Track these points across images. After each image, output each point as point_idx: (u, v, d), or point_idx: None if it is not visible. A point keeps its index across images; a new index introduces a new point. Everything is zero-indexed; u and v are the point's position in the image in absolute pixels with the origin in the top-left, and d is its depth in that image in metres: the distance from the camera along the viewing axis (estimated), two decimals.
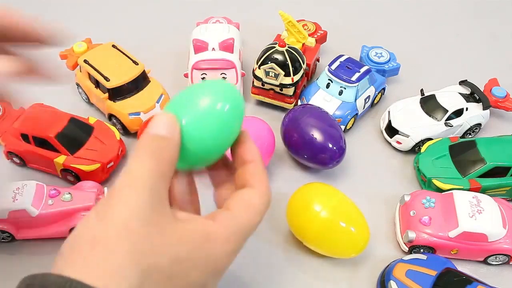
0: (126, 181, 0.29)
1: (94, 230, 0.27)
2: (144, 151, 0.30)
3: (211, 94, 0.33)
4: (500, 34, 0.88)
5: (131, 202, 0.28)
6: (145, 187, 0.28)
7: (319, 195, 0.52)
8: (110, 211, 0.28)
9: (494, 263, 0.54)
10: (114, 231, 0.27)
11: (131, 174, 0.29)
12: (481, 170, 0.58)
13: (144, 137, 0.31)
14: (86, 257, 0.26)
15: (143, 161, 0.29)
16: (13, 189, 0.52)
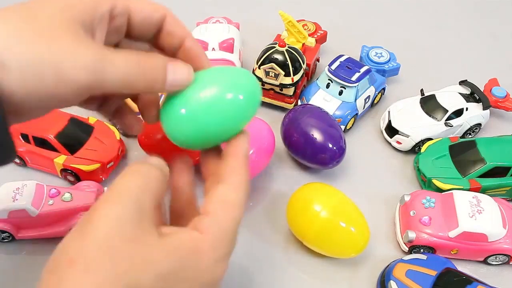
0: (109, 195, 0.28)
1: (73, 247, 0.26)
2: (131, 170, 0.29)
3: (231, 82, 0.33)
4: (500, 34, 0.88)
5: (113, 217, 0.26)
6: (129, 202, 0.27)
7: (319, 195, 0.52)
8: (90, 226, 0.26)
9: (494, 263, 0.54)
10: (93, 248, 0.25)
11: (115, 189, 0.28)
12: (481, 170, 0.58)
13: (135, 162, 0.30)
14: (62, 277, 0.25)
15: (128, 177, 0.29)
16: (13, 189, 0.52)
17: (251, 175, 0.59)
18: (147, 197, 0.28)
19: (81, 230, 0.26)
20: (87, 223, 0.27)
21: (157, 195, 0.30)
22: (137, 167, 0.30)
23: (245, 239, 0.56)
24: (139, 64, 0.30)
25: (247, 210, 0.59)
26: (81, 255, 0.25)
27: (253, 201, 0.60)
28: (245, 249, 0.55)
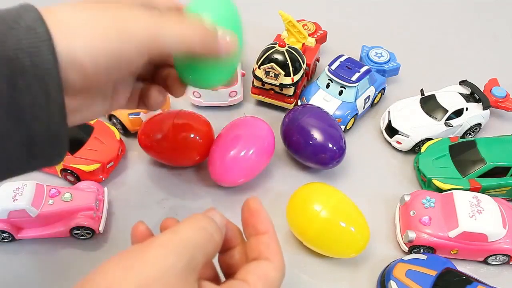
0: (168, 238, 0.28)
1: (112, 279, 0.25)
2: (195, 223, 0.29)
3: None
4: (500, 34, 0.88)
5: (163, 266, 0.26)
6: (185, 257, 0.27)
7: (319, 195, 0.52)
8: (139, 263, 0.26)
9: (494, 263, 0.54)
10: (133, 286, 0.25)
11: (175, 234, 0.28)
12: (481, 170, 0.58)
13: (199, 215, 0.30)
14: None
15: (191, 229, 0.29)
16: (13, 189, 0.52)
17: (251, 175, 0.59)
18: (203, 258, 0.28)
19: (128, 263, 0.26)
20: (137, 258, 0.26)
21: (211, 257, 0.30)
22: (205, 224, 0.30)
23: None
24: (195, 24, 0.34)
25: None
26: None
27: None
28: None
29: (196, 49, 0.34)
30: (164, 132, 0.58)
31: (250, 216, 0.33)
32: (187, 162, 0.61)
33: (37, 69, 0.27)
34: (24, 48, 0.27)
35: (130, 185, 0.61)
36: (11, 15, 0.28)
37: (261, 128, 0.59)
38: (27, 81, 0.27)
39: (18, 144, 0.29)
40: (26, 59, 0.27)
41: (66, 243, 0.54)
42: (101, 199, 0.56)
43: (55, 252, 0.54)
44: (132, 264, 0.26)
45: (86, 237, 0.54)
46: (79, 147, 0.60)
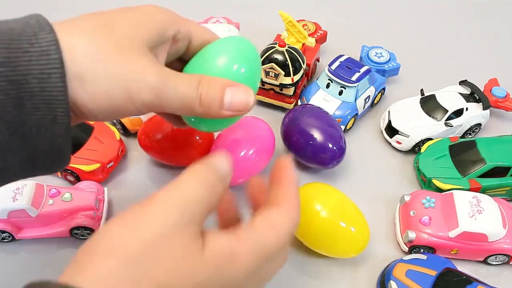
0: (169, 195, 0.28)
1: (118, 237, 0.26)
2: (197, 177, 0.29)
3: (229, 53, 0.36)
4: (500, 34, 0.88)
5: (166, 223, 0.26)
6: (186, 213, 0.27)
7: (319, 195, 0.52)
8: (141, 222, 0.26)
9: (494, 263, 0.54)
10: (139, 245, 0.25)
11: (176, 190, 0.28)
12: (481, 170, 0.58)
13: (201, 166, 0.30)
14: (99, 266, 0.25)
15: (192, 184, 0.29)
16: (13, 189, 0.52)
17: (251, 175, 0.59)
18: (205, 212, 0.29)
19: (131, 223, 0.26)
20: (139, 216, 0.27)
21: (214, 209, 0.30)
22: (207, 177, 0.29)
23: None
24: (197, 88, 0.33)
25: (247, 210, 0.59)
26: (125, 248, 0.25)
27: None
28: None
29: (197, 114, 0.34)
30: (164, 132, 0.58)
31: (278, 169, 0.34)
32: (187, 162, 0.60)
33: (45, 94, 0.28)
34: (35, 74, 0.27)
35: (130, 185, 0.61)
36: (27, 35, 0.28)
37: (261, 128, 0.59)
38: (34, 103, 0.28)
39: (21, 158, 0.30)
40: (35, 84, 0.28)
41: (66, 243, 0.54)
42: (101, 199, 0.56)
43: (55, 252, 0.54)
44: (135, 224, 0.26)
45: (86, 237, 0.54)
46: (79, 147, 0.60)
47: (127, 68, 0.31)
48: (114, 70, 0.30)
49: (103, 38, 0.31)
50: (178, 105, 0.33)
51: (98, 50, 0.30)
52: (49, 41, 0.28)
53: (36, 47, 0.28)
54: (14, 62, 0.27)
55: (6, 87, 0.27)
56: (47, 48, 0.28)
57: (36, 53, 0.28)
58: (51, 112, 0.29)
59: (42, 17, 0.30)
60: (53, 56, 0.28)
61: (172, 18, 0.36)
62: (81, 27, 0.31)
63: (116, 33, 0.31)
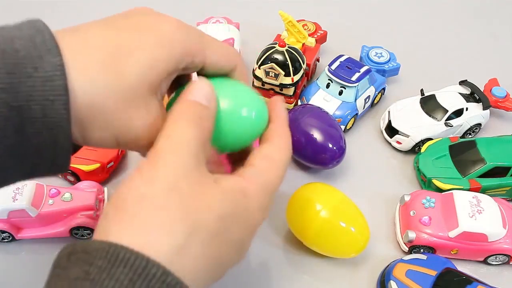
0: (169, 146, 0.29)
1: (141, 190, 0.27)
2: (186, 118, 0.30)
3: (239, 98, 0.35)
4: (500, 34, 0.88)
5: (177, 165, 0.28)
6: (189, 153, 0.29)
7: (319, 195, 0.52)
8: (156, 172, 0.28)
9: (494, 263, 0.54)
10: (161, 189, 0.27)
11: (174, 140, 0.29)
12: (481, 170, 0.58)
13: (184, 104, 0.31)
14: (134, 214, 0.26)
15: (184, 127, 0.30)
16: (13, 189, 0.52)
17: None
18: (202, 147, 0.30)
19: (148, 176, 0.28)
20: (152, 169, 0.28)
21: (207, 141, 0.31)
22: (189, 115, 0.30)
23: None
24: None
25: None
26: (150, 195, 0.27)
27: None
28: None
29: None
30: None
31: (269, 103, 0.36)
32: None
33: (47, 120, 0.27)
34: (38, 100, 0.27)
35: None
36: (32, 57, 0.27)
37: None
38: (36, 129, 0.27)
39: (19, 174, 0.30)
40: (38, 110, 0.27)
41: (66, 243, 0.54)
42: (101, 199, 0.56)
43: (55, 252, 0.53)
44: (154, 174, 0.28)
45: (86, 237, 0.54)
46: (79, 147, 0.59)
47: (124, 123, 0.30)
48: (111, 121, 0.29)
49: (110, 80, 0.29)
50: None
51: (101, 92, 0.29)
52: (54, 66, 0.27)
53: (40, 71, 0.26)
54: (16, 88, 0.26)
55: (7, 113, 0.26)
56: (52, 73, 0.27)
57: (40, 79, 0.26)
58: (52, 138, 0.28)
59: (48, 33, 0.28)
60: (58, 82, 0.27)
61: (189, 45, 0.32)
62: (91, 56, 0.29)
63: (126, 78, 0.29)
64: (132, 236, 0.26)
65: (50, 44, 0.27)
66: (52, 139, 0.28)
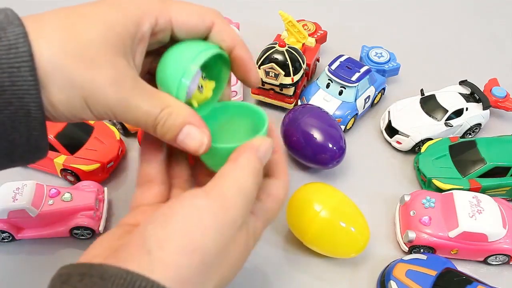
0: (235, 195, 0.30)
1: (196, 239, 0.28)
2: (251, 172, 0.32)
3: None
4: (500, 34, 0.88)
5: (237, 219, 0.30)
6: (249, 205, 0.31)
7: (319, 195, 0.52)
8: (216, 221, 0.29)
9: (494, 263, 0.54)
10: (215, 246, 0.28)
11: (241, 190, 0.31)
12: (481, 170, 0.58)
13: (250, 157, 0.32)
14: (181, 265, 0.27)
15: (250, 180, 0.32)
16: (13, 189, 0.52)
17: None
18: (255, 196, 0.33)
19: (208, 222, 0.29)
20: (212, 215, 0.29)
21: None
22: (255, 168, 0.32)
23: None
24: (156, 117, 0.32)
25: None
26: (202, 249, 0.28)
27: None
28: None
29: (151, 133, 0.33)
30: None
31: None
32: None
33: (16, 88, 0.27)
34: (4, 68, 0.27)
35: (130, 185, 0.61)
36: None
37: None
38: (6, 98, 0.27)
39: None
40: (5, 78, 0.27)
41: (66, 243, 0.54)
42: (101, 199, 0.56)
43: (55, 252, 0.54)
44: (213, 224, 0.29)
45: (86, 237, 0.54)
46: (79, 147, 0.60)
47: (87, 80, 0.29)
48: (74, 80, 0.29)
49: (69, 43, 0.29)
50: (135, 123, 0.32)
51: (61, 55, 0.29)
52: (17, 34, 0.27)
53: (4, 41, 0.27)
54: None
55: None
56: (15, 41, 0.27)
57: (4, 47, 0.27)
58: (23, 107, 0.28)
59: (12, 11, 0.29)
60: (22, 49, 0.27)
61: (147, 6, 0.32)
62: (51, 25, 0.29)
63: (84, 39, 0.30)
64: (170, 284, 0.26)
65: (13, 18, 0.28)
66: (24, 109, 0.28)
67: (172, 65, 0.34)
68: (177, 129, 0.32)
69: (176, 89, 0.33)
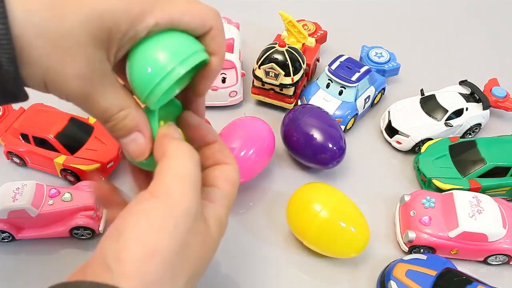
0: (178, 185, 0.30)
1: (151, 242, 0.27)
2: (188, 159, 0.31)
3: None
4: (500, 34, 0.88)
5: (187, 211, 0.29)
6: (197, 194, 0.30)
7: (319, 195, 0.52)
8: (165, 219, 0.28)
9: (494, 263, 0.54)
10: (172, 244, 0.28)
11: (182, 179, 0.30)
12: (481, 170, 0.58)
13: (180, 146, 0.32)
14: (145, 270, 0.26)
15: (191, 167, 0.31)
16: (13, 189, 0.52)
17: (251, 175, 0.59)
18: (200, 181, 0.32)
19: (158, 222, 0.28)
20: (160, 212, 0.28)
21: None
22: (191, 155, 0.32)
23: (245, 239, 0.56)
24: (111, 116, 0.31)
25: (247, 210, 0.59)
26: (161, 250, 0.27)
27: (253, 201, 0.60)
28: (245, 249, 0.55)
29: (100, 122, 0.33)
30: None
31: (194, 130, 0.36)
32: None
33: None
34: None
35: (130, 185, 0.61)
36: None
37: (261, 128, 0.59)
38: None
39: None
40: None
41: (66, 243, 0.54)
42: None
43: (55, 252, 0.54)
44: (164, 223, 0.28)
45: (86, 237, 0.54)
46: (79, 147, 0.60)
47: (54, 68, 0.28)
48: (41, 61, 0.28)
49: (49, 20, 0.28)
50: (89, 113, 0.32)
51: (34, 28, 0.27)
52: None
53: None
54: None
55: None
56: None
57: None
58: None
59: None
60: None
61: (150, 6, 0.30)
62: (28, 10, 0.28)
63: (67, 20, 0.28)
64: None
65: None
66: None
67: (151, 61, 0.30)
68: (127, 132, 0.32)
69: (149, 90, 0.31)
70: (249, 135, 0.58)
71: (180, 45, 0.31)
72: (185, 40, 0.32)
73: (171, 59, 0.31)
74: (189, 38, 0.32)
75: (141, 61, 0.31)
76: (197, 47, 0.32)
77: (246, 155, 0.56)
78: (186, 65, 0.31)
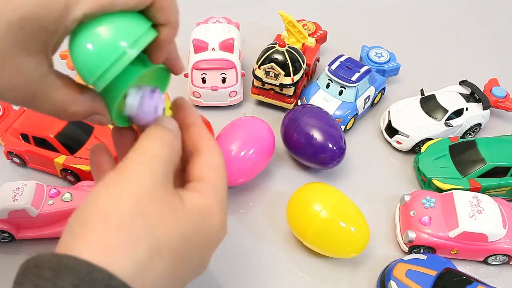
0: (139, 160, 0.29)
1: (106, 206, 0.27)
2: (160, 138, 0.31)
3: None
4: (500, 34, 0.88)
5: (144, 180, 0.28)
6: (159, 169, 0.29)
7: (319, 195, 0.52)
8: (122, 187, 0.28)
9: (494, 263, 0.54)
10: (127, 207, 0.27)
11: (144, 154, 0.30)
12: (481, 170, 0.58)
13: (158, 127, 0.32)
14: (98, 233, 0.26)
15: (158, 145, 0.30)
16: (13, 189, 0.52)
17: (251, 175, 0.59)
18: (171, 167, 0.31)
19: (113, 191, 0.28)
20: (119, 184, 0.28)
21: (176, 163, 0.32)
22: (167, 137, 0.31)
23: (245, 239, 0.56)
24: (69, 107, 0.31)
25: (247, 210, 0.59)
26: (115, 213, 0.27)
27: (253, 201, 0.60)
28: (245, 249, 0.55)
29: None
30: None
31: (176, 112, 0.35)
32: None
33: None
34: None
35: None
36: None
37: (261, 128, 0.59)
38: None
39: None
40: None
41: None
42: None
43: None
44: (120, 191, 0.27)
45: None
46: (79, 147, 0.60)
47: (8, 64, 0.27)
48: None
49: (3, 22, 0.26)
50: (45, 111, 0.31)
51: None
52: None
53: None
54: None
55: None
56: None
57: None
58: None
59: None
60: None
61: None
62: None
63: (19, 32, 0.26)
64: (94, 254, 0.25)
65: None
66: None
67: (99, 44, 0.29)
68: (83, 118, 0.33)
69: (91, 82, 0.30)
70: (249, 135, 0.58)
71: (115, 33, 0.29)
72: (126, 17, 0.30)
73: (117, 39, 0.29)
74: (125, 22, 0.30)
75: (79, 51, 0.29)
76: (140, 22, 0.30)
77: (246, 155, 0.56)
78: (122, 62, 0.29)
